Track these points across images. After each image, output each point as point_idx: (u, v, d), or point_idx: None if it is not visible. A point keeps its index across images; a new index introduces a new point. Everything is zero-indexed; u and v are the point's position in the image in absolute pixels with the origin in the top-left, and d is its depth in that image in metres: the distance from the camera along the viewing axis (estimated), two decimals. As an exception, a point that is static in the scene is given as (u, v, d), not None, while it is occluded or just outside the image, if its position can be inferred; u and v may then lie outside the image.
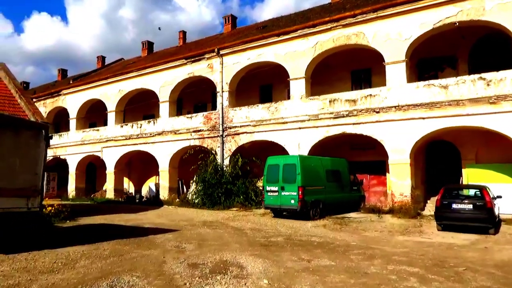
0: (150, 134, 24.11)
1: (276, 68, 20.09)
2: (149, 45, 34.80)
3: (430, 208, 15.80)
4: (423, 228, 12.09)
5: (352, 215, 15.25)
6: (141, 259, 7.46)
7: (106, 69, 33.61)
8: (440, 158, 17.89)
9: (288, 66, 18.97)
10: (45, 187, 30.35)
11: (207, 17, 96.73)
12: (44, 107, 31.80)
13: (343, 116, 17.18)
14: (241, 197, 19.06)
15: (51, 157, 30.57)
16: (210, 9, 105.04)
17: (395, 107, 15.91)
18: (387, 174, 17.75)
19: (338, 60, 19.62)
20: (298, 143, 18.30)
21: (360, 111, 16.77)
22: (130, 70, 25.93)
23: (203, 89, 23.33)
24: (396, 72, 16.06)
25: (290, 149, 18.25)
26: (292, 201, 13.85)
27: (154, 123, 24.24)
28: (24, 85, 45.74)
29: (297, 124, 18.39)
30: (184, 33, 33.07)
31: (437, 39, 16.26)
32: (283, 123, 18.84)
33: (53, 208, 14.05)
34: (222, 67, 21.25)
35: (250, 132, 20.00)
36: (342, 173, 16.42)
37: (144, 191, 27.94)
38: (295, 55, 18.74)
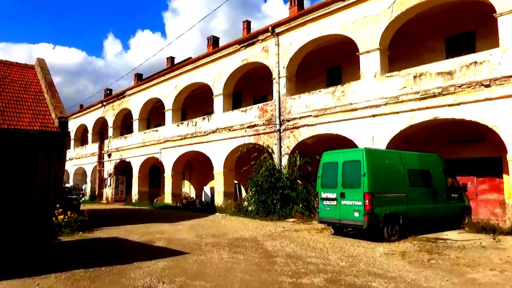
0: (205, 132, 21.56)
1: (345, 46, 15.98)
2: (214, 41, 32.53)
3: None
4: None
5: (451, 235, 10.50)
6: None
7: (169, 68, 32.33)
8: None
9: (357, 37, 14.71)
10: (114, 191, 30.50)
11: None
12: (113, 109, 31.63)
13: (434, 96, 12.40)
14: (300, 205, 15.27)
15: (119, 160, 30.13)
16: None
17: (515, 76, 10.77)
18: (504, 175, 12.49)
19: (426, 24, 14.87)
20: (372, 136, 13.93)
21: (460, 86, 11.86)
22: (185, 64, 23.85)
23: (262, 80, 19.98)
24: (515, 25, 10.92)
25: (362, 144, 13.93)
26: (356, 214, 9.70)
27: (208, 120, 21.65)
28: (108, 91, 47.75)
29: (370, 110, 14.03)
30: (248, 23, 30.15)
31: None
32: (352, 110, 14.61)
33: (66, 217, 11.94)
34: (278, 49, 17.69)
35: (311, 125, 16.09)
36: (434, 175, 11.62)
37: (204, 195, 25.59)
38: (366, 21, 14.41)
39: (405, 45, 15.52)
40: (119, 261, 7.42)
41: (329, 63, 18.79)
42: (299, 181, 16.41)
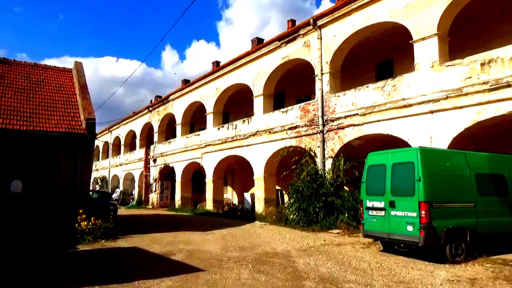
0: (244, 135, 20.47)
1: (396, 36, 14.25)
2: (258, 42, 31.63)
3: None
4: None
5: (535, 256, 8.35)
6: None
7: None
8: None
9: (410, 24, 12.83)
10: (159, 196, 30.33)
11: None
12: (158, 114, 31.69)
13: (508, 86, 10.24)
14: (346, 214, 13.58)
15: (163, 165, 29.98)
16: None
17: None
18: None
19: (494, 6, 12.62)
20: (430, 135, 11.94)
21: (542, 72, 9.66)
22: (225, 65, 23.00)
23: (305, 78, 18.47)
24: None
25: (418, 145, 11.99)
26: (409, 228, 7.94)
27: (248, 122, 20.55)
28: (158, 98, 48.59)
29: (427, 106, 12.06)
30: (293, 22, 28.78)
31: None
32: (405, 106, 12.70)
33: (90, 224, 11.29)
34: (321, 42, 16.17)
35: (357, 124, 14.35)
36: (511, 181, 9.48)
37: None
38: (421, 4, 12.51)
39: (468, 30, 13.41)
40: (121, 279, 6.39)
41: (378, 57, 16.96)
42: (345, 188, 14.72)
